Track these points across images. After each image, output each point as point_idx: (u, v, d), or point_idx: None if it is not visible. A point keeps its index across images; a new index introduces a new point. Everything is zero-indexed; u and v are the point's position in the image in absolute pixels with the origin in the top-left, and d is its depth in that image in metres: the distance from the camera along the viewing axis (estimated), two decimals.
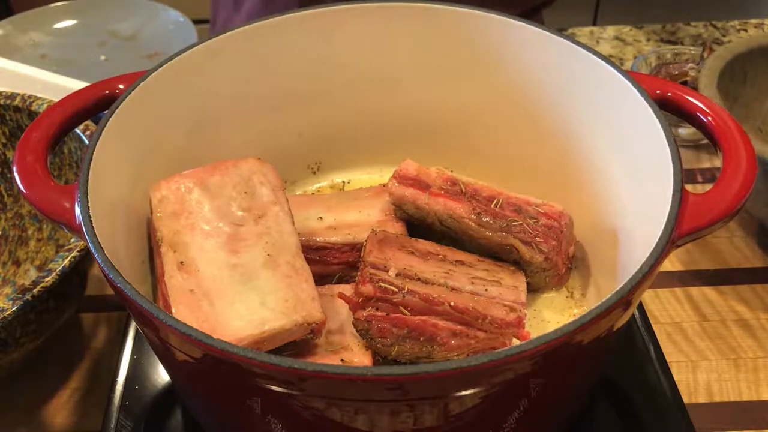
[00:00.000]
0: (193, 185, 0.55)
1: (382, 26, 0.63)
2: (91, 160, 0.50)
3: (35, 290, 0.53)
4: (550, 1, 1.02)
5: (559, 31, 0.61)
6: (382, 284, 0.50)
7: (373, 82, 0.66)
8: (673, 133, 0.50)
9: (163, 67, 0.58)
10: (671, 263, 0.69)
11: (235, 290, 0.49)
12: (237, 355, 0.39)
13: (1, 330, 0.52)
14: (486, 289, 0.52)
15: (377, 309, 0.50)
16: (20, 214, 0.70)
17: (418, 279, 0.51)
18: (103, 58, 1.03)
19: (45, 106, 0.65)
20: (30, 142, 0.51)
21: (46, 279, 0.53)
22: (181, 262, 0.51)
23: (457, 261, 0.54)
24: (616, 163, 0.57)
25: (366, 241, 0.54)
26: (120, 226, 0.53)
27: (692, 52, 0.83)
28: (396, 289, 0.50)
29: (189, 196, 0.55)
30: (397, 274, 0.51)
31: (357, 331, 0.51)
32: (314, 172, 0.72)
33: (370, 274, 0.51)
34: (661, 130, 0.50)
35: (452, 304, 0.50)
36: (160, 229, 0.53)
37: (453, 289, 0.51)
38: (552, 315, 0.59)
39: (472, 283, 0.52)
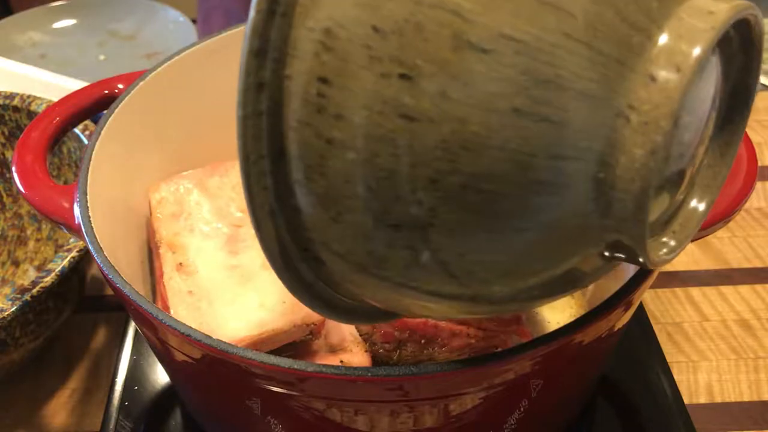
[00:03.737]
0: (193, 186, 0.55)
1: None
2: (90, 160, 0.50)
3: (34, 290, 0.52)
4: None
5: None
6: None
7: None
8: None
9: (163, 66, 0.58)
10: (672, 263, 0.68)
11: (234, 291, 0.49)
12: (236, 356, 0.39)
13: (1, 330, 0.52)
14: None
15: None
16: (19, 214, 0.70)
17: None
18: (102, 57, 1.03)
19: (44, 105, 0.65)
20: (29, 142, 0.51)
21: (45, 279, 0.53)
22: (180, 264, 0.51)
23: None
24: None
25: None
26: (119, 227, 0.53)
27: None
28: None
29: (188, 197, 0.55)
30: None
31: (360, 335, 0.51)
32: None
33: None
34: None
35: None
36: (158, 230, 0.53)
37: None
38: (552, 315, 0.59)
39: None
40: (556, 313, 0.59)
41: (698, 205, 0.35)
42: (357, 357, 0.51)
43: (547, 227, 0.30)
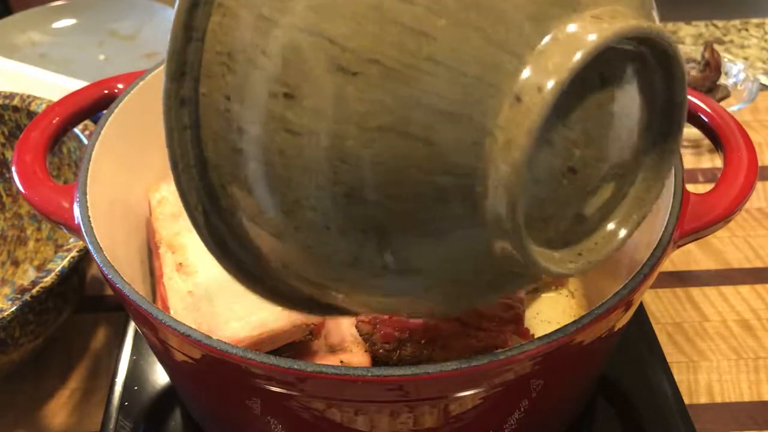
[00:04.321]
0: None
1: None
2: (90, 160, 0.50)
3: (34, 290, 0.52)
4: None
5: None
6: None
7: None
8: None
9: (163, 66, 0.58)
10: (672, 263, 0.68)
11: (233, 291, 0.49)
12: (236, 356, 0.39)
13: (0, 330, 0.52)
14: None
15: None
16: (19, 214, 0.70)
17: None
18: (102, 57, 1.03)
19: (44, 105, 0.65)
20: (29, 141, 0.51)
21: (45, 279, 0.53)
22: (180, 264, 0.51)
23: None
24: None
25: None
26: (119, 227, 0.53)
27: (693, 51, 0.83)
28: None
29: None
30: None
31: (361, 336, 0.51)
32: None
33: None
34: None
35: None
36: (158, 230, 0.53)
37: None
38: (552, 315, 0.59)
39: None
40: (557, 313, 0.59)
41: (628, 216, 0.36)
42: (357, 357, 0.51)
43: (438, 236, 0.32)
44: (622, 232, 0.36)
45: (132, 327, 0.60)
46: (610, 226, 0.36)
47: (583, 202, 0.34)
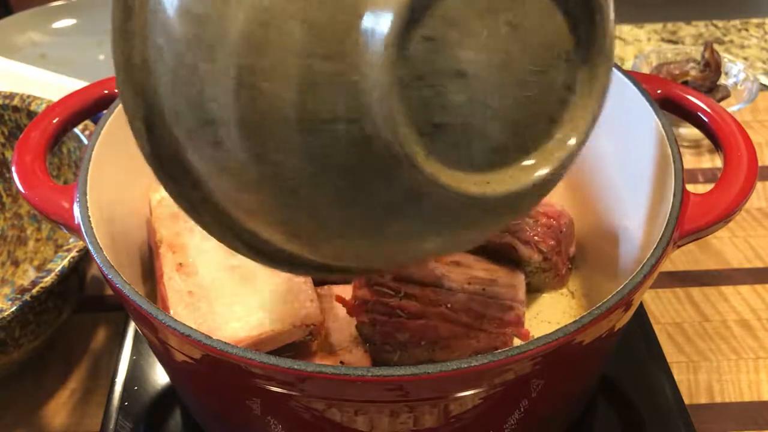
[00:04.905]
0: None
1: None
2: (90, 160, 0.50)
3: (34, 291, 0.52)
4: None
5: None
6: (378, 287, 0.50)
7: None
8: (674, 132, 0.50)
9: None
10: (672, 263, 0.68)
11: (233, 291, 0.49)
12: (236, 356, 0.39)
13: (0, 330, 0.52)
14: (483, 289, 0.52)
15: (376, 312, 0.50)
16: (19, 214, 0.70)
17: (414, 282, 0.51)
18: (102, 57, 1.03)
19: (44, 105, 0.65)
20: (29, 141, 0.51)
21: (45, 279, 0.53)
22: (180, 264, 0.51)
23: (452, 262, 0.54)
24: (617, 163, 0.57)
25: None
26: (119, 227, 0.53)
27: (693, 51, 0.83)
28: (393, 292, 0.50)
29: None
30: (393, 278, 0.51)
31: (361, 336, 0.51)
32: None
33: (366, 277, 0.51)
34: (663, 129, 0.50)
35: (449, 305, 0.50)
36: (159, 230, 0.53)
37: (449, 290, 0.51)
38: (552, 315, 0.59)
39: (469, 283, 0.52)
40: (557, 313, 0.59)
41: (567, 139, 0.34)
42: (357, 357, 0.51)
43: (335, 133, 0.31)
44: (568, 147, 0.34)
45: (132, 327, 0.60)
46: (555, 142, 0.34)
47: (491, 120, 0.32)
